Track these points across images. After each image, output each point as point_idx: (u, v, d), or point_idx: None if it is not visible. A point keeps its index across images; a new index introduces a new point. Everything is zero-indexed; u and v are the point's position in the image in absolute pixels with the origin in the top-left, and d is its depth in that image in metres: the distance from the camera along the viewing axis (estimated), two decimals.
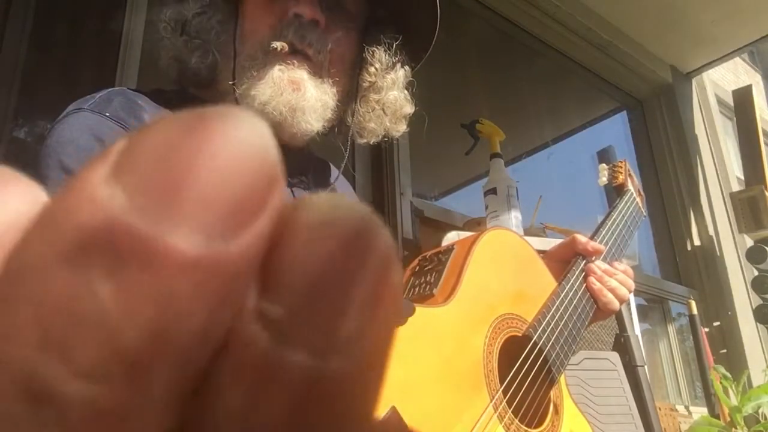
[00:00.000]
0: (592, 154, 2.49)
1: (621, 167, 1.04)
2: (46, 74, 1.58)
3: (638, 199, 1.03)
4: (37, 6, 1.54)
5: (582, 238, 0.85)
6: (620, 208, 0.96)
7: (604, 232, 0.89)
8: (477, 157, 1.95)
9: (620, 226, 0.93)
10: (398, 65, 0.75)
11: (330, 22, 0.69)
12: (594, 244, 0.84)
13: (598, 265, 0.83)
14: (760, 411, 2.14)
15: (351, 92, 0.74)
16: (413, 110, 0.79)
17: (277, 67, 0.65)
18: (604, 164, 1.05)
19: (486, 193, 1.76)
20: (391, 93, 0.75)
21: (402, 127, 0.79)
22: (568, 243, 0.86)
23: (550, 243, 1.60)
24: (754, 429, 2.09)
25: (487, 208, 1.75)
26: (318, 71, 0.68)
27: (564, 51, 3.00)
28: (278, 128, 0.67)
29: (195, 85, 0.75)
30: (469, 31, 2.73)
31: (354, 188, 0.96)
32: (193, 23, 0.71)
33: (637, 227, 0.99)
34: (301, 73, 0.66)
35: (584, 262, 0.83)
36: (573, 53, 3.02)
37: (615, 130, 3.50)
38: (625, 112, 3.45)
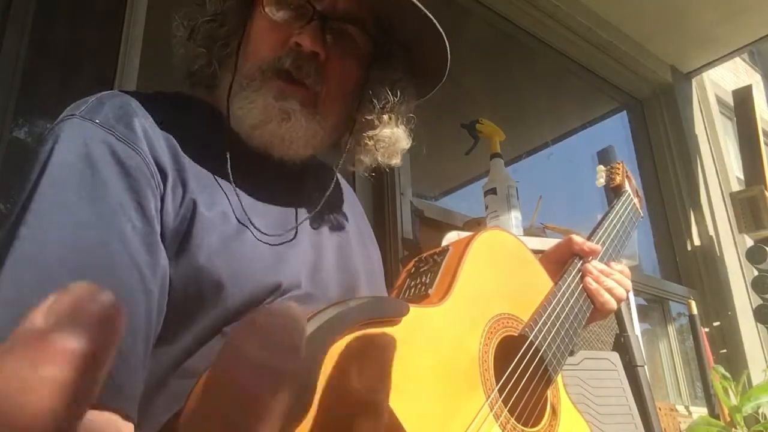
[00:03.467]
0: (592, 154, 2.48)
1: (618, 169, 1.04)
2: (46, 74, 1.58)
3: (635, 200, 1.03)
4: (37, 6, 1.54)
5: (578, 239, 0.85)
6: (617, 209, 0.96)
7: (600, 233, 0.89)
8: (477, 157, 1.95)
9: (617, 227, 0.93)
10: (398, 104, 0.74)
11: (333, 55, 0.68)
12: (590, 244, 0.84)
13: (595, 265, 0.83)
14: (759, 411, 2.14)
15: (347, 125, 0.74)
16: (410, 144, 0.78)
17: (271, 95, 0.65)
18: (601, 166, 1.05)
19: (486, 193, 1.76)
20: (386, 130, 0.74)
21: (396, 160, 0.78)
22: (565, 244, 0.86)
23: (550, 243, 1.60)
24: (754, 429, 2.09)
25: (487, 208, 1.75)
26: (312, 101, 0.67)
27: (564, 51, 3.00)
28: (268, 149, 0.67)
29: (199, 86, 0.75)
30: (469, 31, 2.73)
31: (354, 189, 0.96)
32: (201, 29, 0.71)
33: (635, 228, 0.99)
34: (292, 104, 0.65)
35: (581, 262, 0.83)
36: (573, 53, 3.02)
37: (615, 130, 3.50)
38: (625, 112, 3.45)
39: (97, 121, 0.59)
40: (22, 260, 0.49)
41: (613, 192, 1.04)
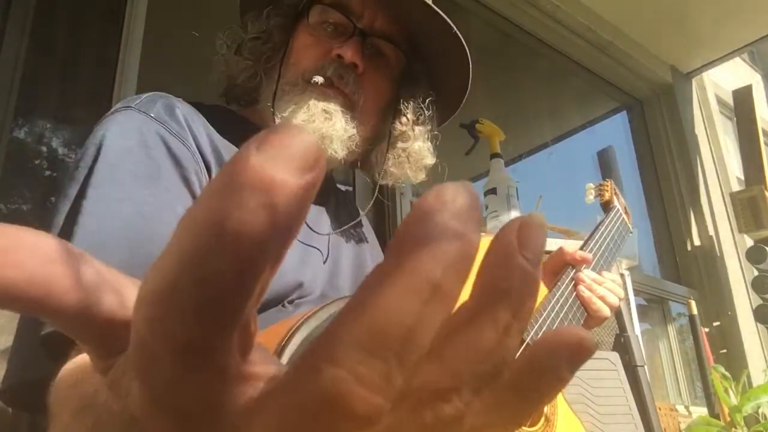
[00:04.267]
0: (592, 154, 2.49)
1: (607, 186, 1.07)
2: (46, 74, 1.58)
3: (625, 216, 1.05)
4: (37, 6, 1.54)
5: (569, 248, 0.86)
6: (606, 223, 0.99)
7: (591, 245, 0.91)
8: (477, 157, 1.95)
9: (608, 239, 0.95)
10: (427, 119, 0.80)
11: (369, 68, 0.73)
12: (581, 253, 0.85)
13: (587, 273, 0.84)
14: (759, 411, 2.14)
15: (380, 136, 0.79)
16: (434, 161, 0.84)
17: (314, 97, 0.70)
18: (590, 183, 1.09)
19: (486, 193, 1.76)
20: (417, 143, 0.80)
21: (421, 176, 0.84)
22: (556, 254, 0.88)
23: (549, 243, 1.61)
24: (754, 429, 2.10)
25: (487, 208, 1.75)
26: (350, 107, 0.72)
27: (564, 51, 3.00)
28: None
29: (238, 102, 0.80)
30: (469, 31, 2.73)
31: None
32: (248, 46, 0.77)
33: (624, 241, 1.03)
34: (334, 106, 0.70)
35: (574, 271, 0.84)
36: (573, 53, 3.02)
37: (615, 130, 3.50)
38: (625, 112, 3.45)
39: (152, 114, 0.63)
40: (91, 232, 0.52)
41: (603, 208, 1.06)
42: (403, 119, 0.78)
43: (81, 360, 0.41)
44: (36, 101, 1.54)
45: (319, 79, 0.70)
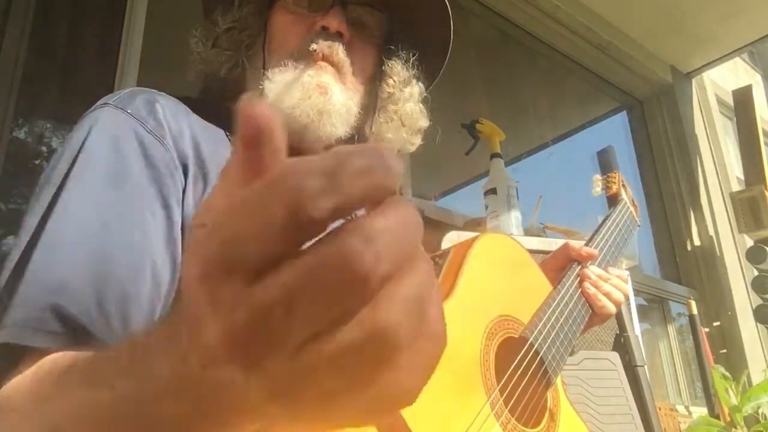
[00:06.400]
0: (592, 154, 2.48)
1: (614, 178, 1.05)
2: (46, 74, 1.58)
3: (632, 209, 1.04)
4: (37, 6, 1.54)
5: (575, 244, 0.86)
6: (614, 216, 0.97)
7: (598, 240, 0.90)
8: (477, 157, 1.95)
9: (614, 234, 0.94)
10: (414, 80, 0.79)
11: (354, 37, 0.73)
12: (587, 249, 0.85)
13: (593, 270, 0.83)
14: (759, 411, 2.14)
15: (371, 104, 0.78)
16: (428, 124, 0.83)
17: (306, 73, 0.69)
18: (597, 175, 1.07)
19: (486, 193, 1.76)
20: (408, 105, 0.78)
21: (417, 141, 0.82)
22: (562, 250, 0.87)
23: (550, 243, 1.61)
24: (754, 429, 2.09)
25: (487, 208, 1.75)
26: (342, 78, 0.71)
27: (564, 51, 3.00)
28: (304, 131, 0.69)
29: (221, 95, 0.78)
30: (469, 31, 2.73)
31: None
32: (224, 37, 0.76)
33: (631, 235, 1.01)
34: (327, 78, 0.69)
35: (579, 267, 0.83)
36: (573, 53, 3.02)
37: (615, 130, 3.50)
38: (625, 112, 3.45)
39: (129, 111, 0.62)
40: (53, 237, 0.52)
41: (610, 201, 1.04)
42: (390, 81, 0.77)
43: (37, 368, 0.43)
44: (36, 101, 1.54)
45: (314, 47, 0.69)
